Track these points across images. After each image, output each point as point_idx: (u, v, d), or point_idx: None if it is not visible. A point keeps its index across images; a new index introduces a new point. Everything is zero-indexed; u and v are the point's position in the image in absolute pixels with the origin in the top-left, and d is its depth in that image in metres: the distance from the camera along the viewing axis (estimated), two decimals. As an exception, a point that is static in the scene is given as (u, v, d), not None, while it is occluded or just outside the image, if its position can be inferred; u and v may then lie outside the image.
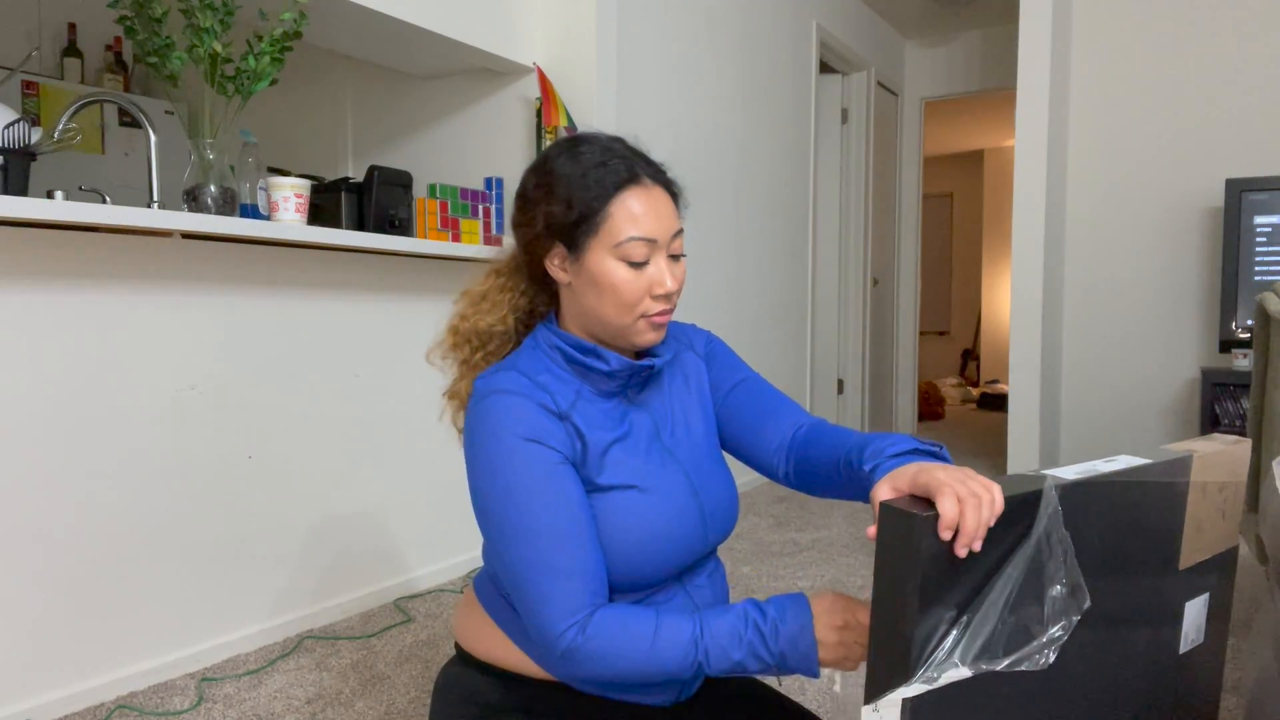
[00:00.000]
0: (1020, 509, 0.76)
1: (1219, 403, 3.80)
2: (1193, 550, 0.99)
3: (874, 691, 0.74)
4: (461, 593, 2.53)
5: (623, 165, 0.98)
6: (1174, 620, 0.98)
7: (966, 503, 0.71)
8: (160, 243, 1.94)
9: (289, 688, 1.92)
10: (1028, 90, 3.86)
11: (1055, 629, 0.78)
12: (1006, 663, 0.75)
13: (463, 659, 1.12)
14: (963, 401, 7.68)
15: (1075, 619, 0.79)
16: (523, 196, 1.03)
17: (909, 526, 0.72)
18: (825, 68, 4.97)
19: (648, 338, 1.01)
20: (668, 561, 1.01)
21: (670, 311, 1.01)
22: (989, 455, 5.00)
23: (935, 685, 0.72)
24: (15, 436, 1.72)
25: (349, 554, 2.39)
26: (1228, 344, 3.83)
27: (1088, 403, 4.37)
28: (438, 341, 1.10)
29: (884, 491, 0.80)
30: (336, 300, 2.34)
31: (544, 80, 2.85)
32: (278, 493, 2.20)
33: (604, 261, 0.97)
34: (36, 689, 1.76)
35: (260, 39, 2.09)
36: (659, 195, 0.99)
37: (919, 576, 0.71)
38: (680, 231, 1.00)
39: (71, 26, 3.70)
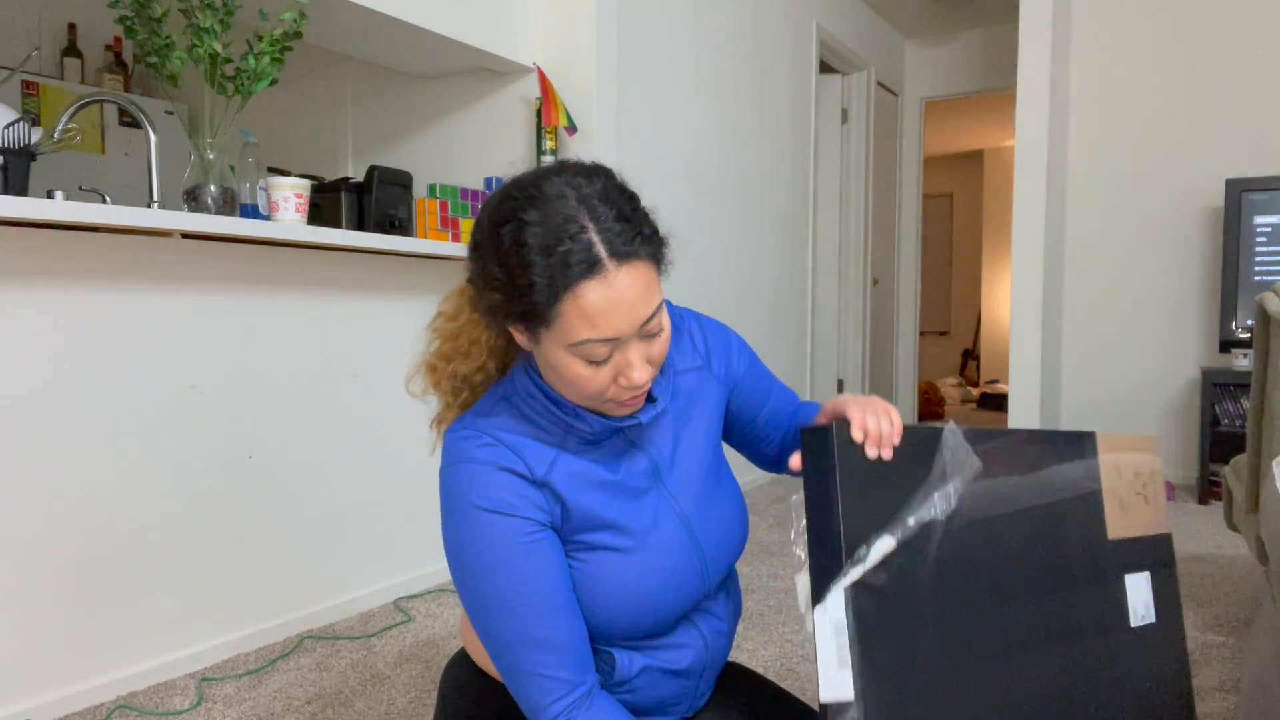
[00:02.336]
0: (926, 441, 0.90)
1: (1219, 403, 3.80)
2: (1119, 524, 1.10)
3: (818, 590, 0.82)
4: (461, 593, 2.54)
5: (579, 251, 0.81)
6: (1117, 590, 1.07)
7: (867, 411, 0.86)
8: (160, 243, 1.94)
9: (289, 688, 1.92)
10: (1028, 90, 3.86)
11: (951, 485, 0.91)
12: (914, 520, 0.87)
13: (471, 661, 1.12)
14: (963, 401, 7.68)
15: (971, 474, 0.93)
16: (474, 249, 0.89)
17: (824, 434, 0.84)
18: (825, 68, 4.97)
19: (620, 412, 0.91)
20: (666, 613, 0.97)
21: (645, 391, 0.90)
22: (989, 455, 5.00)
23: (868, 564, 0.82)
24: (15, 436, 1.72)
25: (349, 554, 2.39)
26: (1228, 344, 3.83)
27: (1088, 403, 4.36)
28: (415, 372, 1.03)
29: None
30: (336, 300, 2.34)
31: (544, 80, 2.85)
32: (278, 493, 2.20)
33: (559, 355, 0.85)
34: (36, 689, 1.76)
35: (260, 39, 2.09)
36: (626, 280, 0.82)
37: (838, 474, 0.83)
38: (658, 309, 0.86)
39: (71, 26, 3.70)
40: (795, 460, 0.87)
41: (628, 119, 3.16)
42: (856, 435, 0.84)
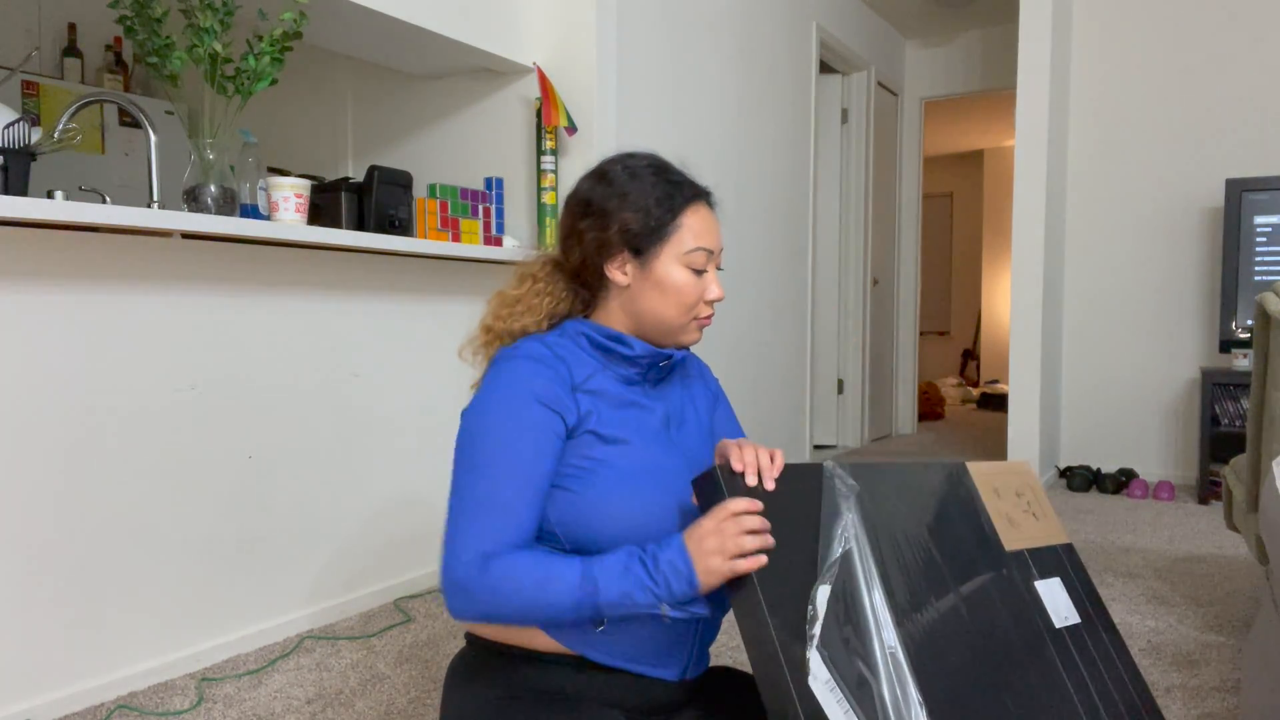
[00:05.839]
0: (808, 477, 1.01)
1: (1219, 403, 3.80)
2: (1013, 538, 1.19)
3: (799, 666, 0.89)
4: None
5: (686, 184, 1.11)
6: (1030, 597, 1.14)
7: (745, 448, 1.00)
8: (160, 243, 1.94)
9: (289, 688, 1.92)
10: (1028, 90, 3.86)
11: (847, 518, 1.01)
12: (833, 558, 0.97)
13: (476, 646, 1.13)
14: (963, 401, 7.68)
15: (854, 499, 1.02)
16: (588, 204, 1.11)
17: (712, 475, 0.98)
18: (825, 68, 4.97)
19: (694, 336, 1.14)
20: (651, 520, 1.04)
21: (712, 315, 1.13)
22: (989, 456, 5.00)
23: (821, 620, 0.91)
24: (14, 436, 1.72)
25: (349, 554, 2.39)
26: (1228, 344, 3.83)
27: (1088, 403, 4.36)
28: (470, 338, 1.18)
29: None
30: (336, 300, 2.34)
31: (544, 80, 2.85)
32: (278, 493, 2.20)
33: (670, 268, 1.09)
34: (36, 689, 1.76)
35: (260, 39, 2.09)
36: (712, 213, 1.13)
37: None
38: (722, 248, 1.13)
39: (71, 26, 3.70)
40: (693, 499, 1.02)
41: (628, 119, 3.16)
42: (736, 467, 0.98)
